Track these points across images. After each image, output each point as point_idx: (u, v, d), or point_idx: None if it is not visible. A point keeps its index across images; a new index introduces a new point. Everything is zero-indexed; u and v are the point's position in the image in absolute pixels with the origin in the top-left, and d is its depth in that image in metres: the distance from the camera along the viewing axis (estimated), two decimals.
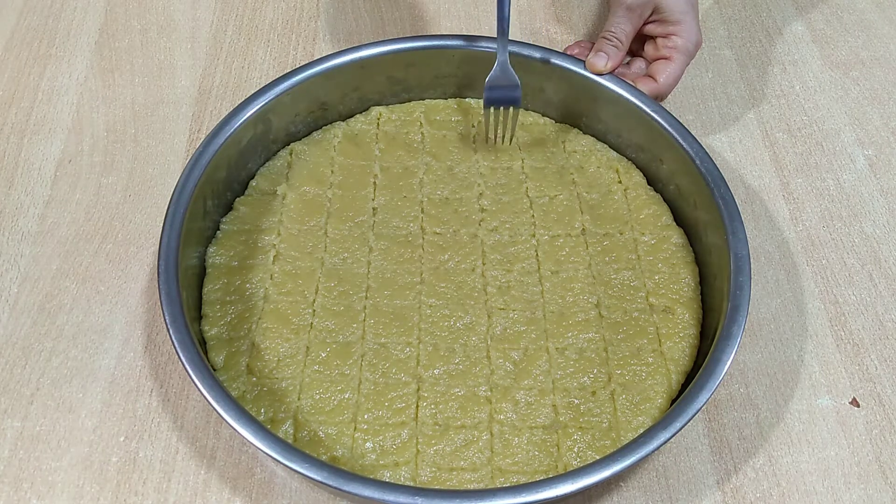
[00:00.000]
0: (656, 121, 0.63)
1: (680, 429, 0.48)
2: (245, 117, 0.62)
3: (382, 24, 0.81)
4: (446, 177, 0.67)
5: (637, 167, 0.67)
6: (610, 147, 0.69)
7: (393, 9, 0.83)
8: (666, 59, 0.67)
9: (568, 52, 0.68)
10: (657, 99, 0.66)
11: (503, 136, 0.67)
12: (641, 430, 0.51)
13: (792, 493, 0.54)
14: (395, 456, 0.53)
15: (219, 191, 0.62)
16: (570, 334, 0.58)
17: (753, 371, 0.60)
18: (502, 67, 0.64)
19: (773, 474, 0.55)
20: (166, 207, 0.57)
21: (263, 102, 0.63)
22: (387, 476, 0.52)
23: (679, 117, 0.64)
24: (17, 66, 0.76)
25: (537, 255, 0.62)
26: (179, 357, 0.50)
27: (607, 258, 0.62)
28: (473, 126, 0.70)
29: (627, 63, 0.70)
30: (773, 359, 0.60)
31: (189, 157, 0.60)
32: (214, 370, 0.55)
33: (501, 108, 0.65)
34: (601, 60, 0.65)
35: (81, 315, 0.61)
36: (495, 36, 0.68)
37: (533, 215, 0.64)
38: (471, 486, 0.51)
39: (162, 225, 0.56)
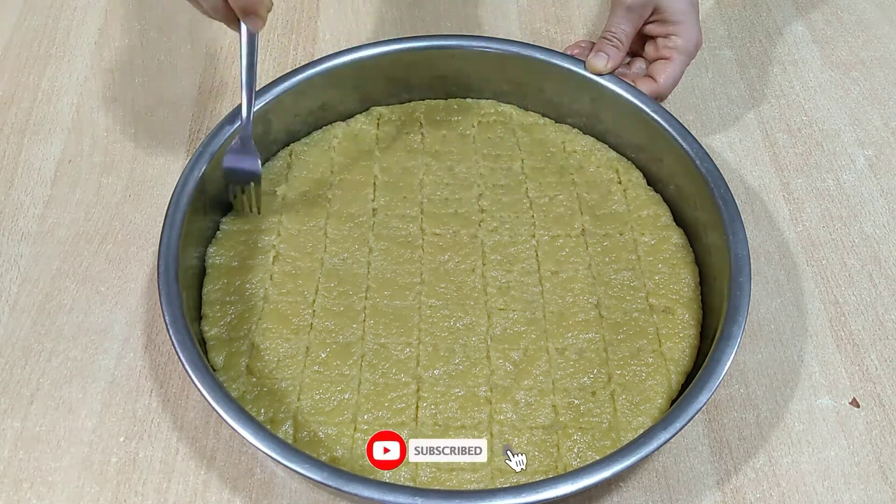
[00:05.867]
0: (656, 121, 0.63)
1: (680, 429, 0.48)
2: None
3: (382, 24, 0.81)
4: (446, 177, 0.67)
5: (637, 167, 0.67)
6: (610, 147, 0.69)
7: (393, 9, 0.83)
8: (666, 59, 0.67)
9: (568, 52, 0.68)
10: (657, 99, 0.66)
11: (251, 208, 0.62)
12: (641, 431, 0.51)
13: (792, 493, 0.54)
14: None
15: (219, 191, 0.62)
16: (569, 335, 0.58)
17: (753, 371, 0.60)
18: (244, 142, 0.58)
19: (773, 475, 0.55)
20: (166, 207, 0.57)
21: (263, 102, 0.63)
22: (387, 476, 0.52)
23: (679, 117, 0.64)
24: (17, 66, 0.76)
25: (537, 255, 0.62)
26: (179, 357, 0.50)
27: (607, 258, 0.62)
28: (473, 126, 0.70)
29: (628, 63, 0.70)
30: (773, 359, 0.60)
31: (189, 157, 0.60)
32: (214, 370, 0.55)
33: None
34: (601, 60, 0.65)
35: (81, 315, 0.61)
36: (490, 36, 0.68)
37: (533, 215, 0.64)
38: (471, 487, 0.51)
39: (162, 225, 0.56)
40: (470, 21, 0.82)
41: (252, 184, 0.60)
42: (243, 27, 0.55)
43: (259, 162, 0.59)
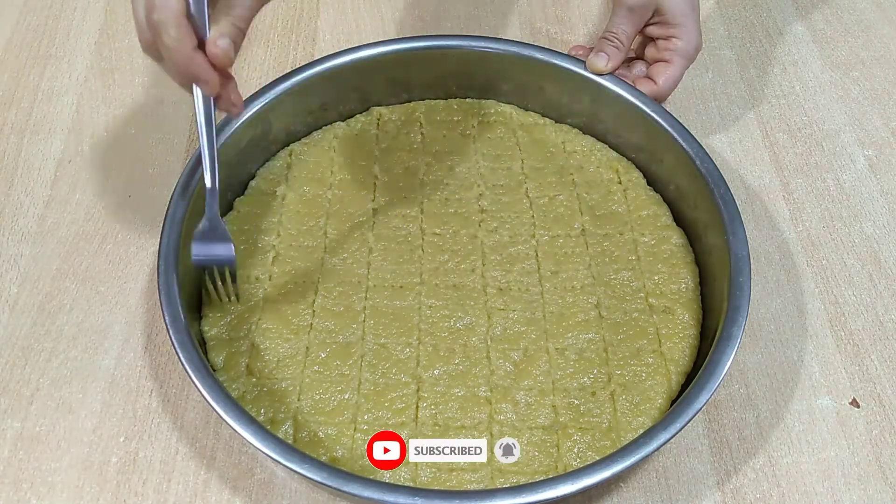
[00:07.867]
0: (656, 121, 0.63)
1: (680, 429, 0.48)
2: (245, 117, 0.62)
3: (382, 24, 0.81)
4: (446, 177, 0.67)
5: (637, 167, 0.67)
6: (610, 147, 0.69)
7: (393, 9, 0.83)
8: (666, 61, 0.67)
9: (570, 54, 0.68)
10: (656, 101, 0.66)
11: (228, 296, 0.56)
12: (641, 431, 0.51)
13: (792, 493, 0.54)
14: None
15: (219, 191, 0.62)
16: (569, 335, 0.58)
17: (753, 371, 0.60)
18: (212, 223, 0.52)
19: (773, 475, 0.55)
20: (166, 207, 0.57)
21: (263, 102, 0.63)
22: (386, 476, 0.52)
23: (679, 117, 0.63)
24: (17, 66, 0.76)
25: (537, 255, 0.62)
26: (179, 357, 0.50)
27: (607, 258, 0.62)
28: (473, 126, 0.70)
29: (628, 65, 0.70)
30: (773, 359, 0.60)
31: (189, 157, 0.60)
32: (214, 370, 0.55)
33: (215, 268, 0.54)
34: (601, 60, 0.65)
35: (81, 315, 0.61)
36: (495, 37, 0.67)
37: (533, 216, 0.64)
38: (471, 487, 0.51)
39: (162, 225, 0.56)
40: (470, 21, 0.82)
41: (227, 270, 0.53)
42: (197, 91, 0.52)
43: (232, 246, 0.53)
